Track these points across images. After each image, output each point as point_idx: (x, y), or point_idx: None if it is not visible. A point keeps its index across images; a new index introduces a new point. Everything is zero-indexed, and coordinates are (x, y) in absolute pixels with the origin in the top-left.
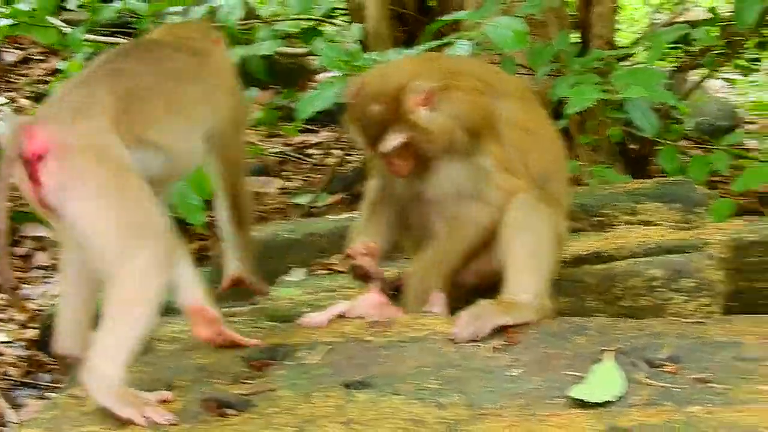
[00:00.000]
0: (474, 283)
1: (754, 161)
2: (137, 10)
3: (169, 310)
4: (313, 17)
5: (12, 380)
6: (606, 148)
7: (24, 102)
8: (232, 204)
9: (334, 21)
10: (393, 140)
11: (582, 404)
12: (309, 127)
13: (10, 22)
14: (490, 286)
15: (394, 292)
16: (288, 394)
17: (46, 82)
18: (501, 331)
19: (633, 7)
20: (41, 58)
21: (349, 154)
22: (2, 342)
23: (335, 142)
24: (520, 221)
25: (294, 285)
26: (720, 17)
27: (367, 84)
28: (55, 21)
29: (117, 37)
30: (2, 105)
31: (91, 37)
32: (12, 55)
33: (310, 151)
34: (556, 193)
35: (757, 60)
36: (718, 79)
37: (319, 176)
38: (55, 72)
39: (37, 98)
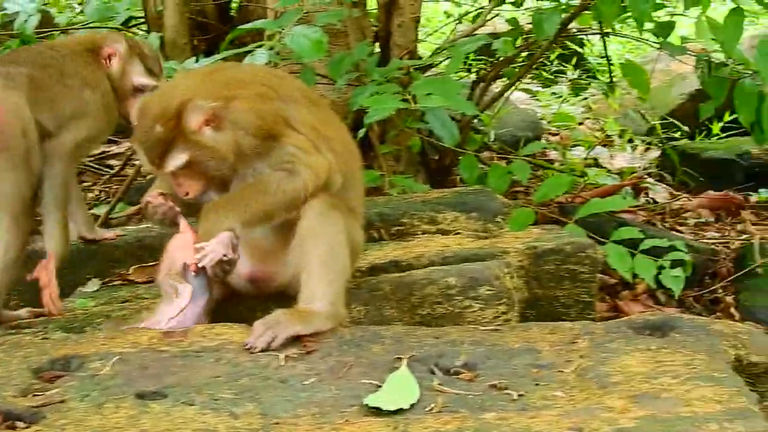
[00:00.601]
0: (272, 292)
1: (555, 171)
2: None
3: None
4: (110, 26)
5: None
6: (407, 158)
7: None
8: (55, 189)
9: (132, 30)
10: (176, 159)
11: (377, 412)
12: (111, 137)
13: None
14: (290, 296)
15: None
16: (79, 406)
17: None
18: (297, 339)
19: (438, 19)
20: None
21: None
22: None
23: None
24: (314, 230)
25: (89, 296)
26: (522, 29)
27: (149, 104)
28: None
29: None
30: None
31: None
32: None
33: (111, 161)
34: (351, 201)
35: (563, 72)
36: (520, 90)
37: (117, 187)
38: None
39: None
